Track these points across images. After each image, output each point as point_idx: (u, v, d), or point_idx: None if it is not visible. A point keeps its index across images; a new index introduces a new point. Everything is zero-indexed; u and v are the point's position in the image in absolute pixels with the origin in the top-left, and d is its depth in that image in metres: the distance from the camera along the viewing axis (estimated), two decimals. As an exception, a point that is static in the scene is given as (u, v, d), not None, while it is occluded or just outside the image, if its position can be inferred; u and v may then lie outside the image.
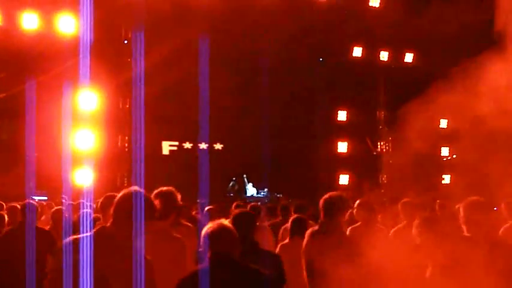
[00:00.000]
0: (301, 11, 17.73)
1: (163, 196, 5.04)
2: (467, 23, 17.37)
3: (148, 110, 15.29)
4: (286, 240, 7.07)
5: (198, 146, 21.22)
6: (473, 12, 16.38)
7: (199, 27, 16.21)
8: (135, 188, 3.74)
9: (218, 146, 21.85)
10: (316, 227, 5.71)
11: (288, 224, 7.24)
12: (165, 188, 5.19)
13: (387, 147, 21.72)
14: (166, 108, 18.83)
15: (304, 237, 5.80)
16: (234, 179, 21.60)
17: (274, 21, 17.48)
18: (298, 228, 6.76)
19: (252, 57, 19.04)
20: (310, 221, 7.42)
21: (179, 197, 5.26)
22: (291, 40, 18.59)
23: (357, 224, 7.12)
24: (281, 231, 8.29)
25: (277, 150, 19.49)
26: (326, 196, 5.65)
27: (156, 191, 5.04)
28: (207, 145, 21.01)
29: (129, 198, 3.65)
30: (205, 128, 16.65)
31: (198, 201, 12.93)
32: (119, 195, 3.75)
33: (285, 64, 19.57)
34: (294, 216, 7.35)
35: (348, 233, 6.65)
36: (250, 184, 21.70)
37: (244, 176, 21.85)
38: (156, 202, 3.97)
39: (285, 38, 18.36)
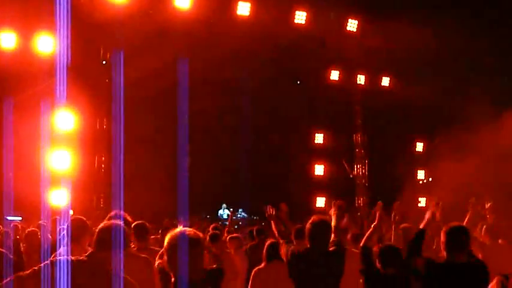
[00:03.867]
0: (279, 36, 17.85)
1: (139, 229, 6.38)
2: (443, 47, 17.69)
3: (127, 130, 15.20)
4: (262, 265, 7.09)
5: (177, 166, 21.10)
6: (449, 36, 16.69)
7: (178, 48, 16.24)
8: (116, 222, 4.29)
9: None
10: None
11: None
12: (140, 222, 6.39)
13: (363, 170, 21.85)
14: (145, 129, 18.78)
15: (281, 261, 5.86)
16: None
17: (252, 46, 17.56)
18: (276, 252, 6.77)
19: (230, 81, 19.11)
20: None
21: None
22: (269, 64, 18.71)
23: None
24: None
25: (255, 172, 19.46)
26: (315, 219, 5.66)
27: (133, 225, 6.18)
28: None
29: (109, 231, 4.14)
30: (183, 147, 16.59)
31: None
32: (101, 227, 4.23)
33: (263, 87, 19.67)
34: (271, 240, 7.35)
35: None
36: (224, 205, 21.65)
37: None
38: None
39: (263, 62, 18.47)
